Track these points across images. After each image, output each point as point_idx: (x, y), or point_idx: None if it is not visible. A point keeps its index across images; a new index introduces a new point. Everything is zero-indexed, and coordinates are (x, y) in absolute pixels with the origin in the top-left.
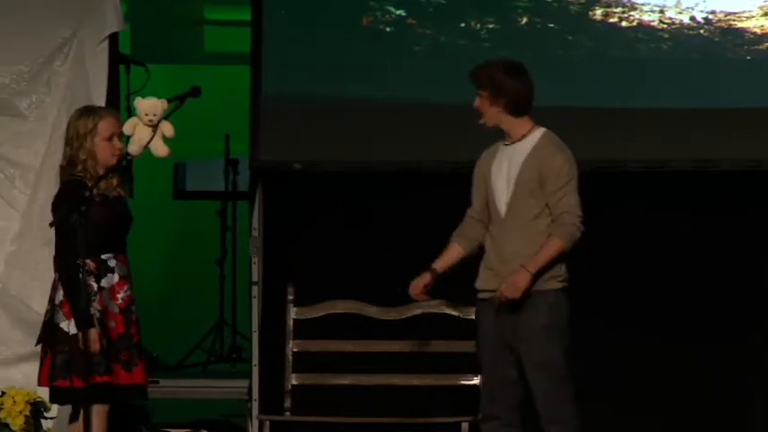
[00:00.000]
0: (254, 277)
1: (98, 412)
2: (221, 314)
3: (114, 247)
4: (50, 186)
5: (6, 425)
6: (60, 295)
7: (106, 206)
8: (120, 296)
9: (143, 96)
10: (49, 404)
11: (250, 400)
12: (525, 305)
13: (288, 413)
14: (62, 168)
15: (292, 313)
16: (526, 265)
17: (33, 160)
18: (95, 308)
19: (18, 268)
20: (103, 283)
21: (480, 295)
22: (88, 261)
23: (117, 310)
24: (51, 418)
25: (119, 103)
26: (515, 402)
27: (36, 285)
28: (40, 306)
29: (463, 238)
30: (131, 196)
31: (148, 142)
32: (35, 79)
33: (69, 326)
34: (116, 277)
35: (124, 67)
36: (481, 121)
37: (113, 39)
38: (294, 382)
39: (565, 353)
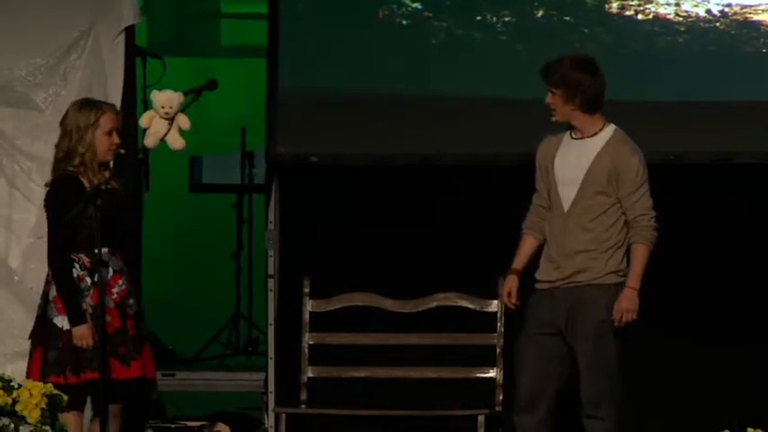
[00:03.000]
0: (271, 270)
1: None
2: (237, 307)
3: (108, 242)
4: None
5: (23, 417)
6: (54, 291)
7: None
8: (114, 290)
9: (159, 89)
10: (65, 398)
11: (266, 392)
12: (584, 298)
13: (304, 406)
14: (57, 161)
15: (308, 306)
16: (631, 285)
17: (50, 153)
18: (88, 303)
19: (35, 261)
20: (97, 277)
21: (539, 285)
22: (82, 256)
23: (112, 304)
24: None
25: (135, 96)
26: (554, 397)
27: None
28: None
29: (535, 229)
30: (147, 189)
31: (165, 135)
32: (52, 72)
33: (63, 321)
34: (110, 272)
35: (141, 60)
36: (553, 119)
37: (130, 32)
38: (310, 375)
39: (619, 350)
